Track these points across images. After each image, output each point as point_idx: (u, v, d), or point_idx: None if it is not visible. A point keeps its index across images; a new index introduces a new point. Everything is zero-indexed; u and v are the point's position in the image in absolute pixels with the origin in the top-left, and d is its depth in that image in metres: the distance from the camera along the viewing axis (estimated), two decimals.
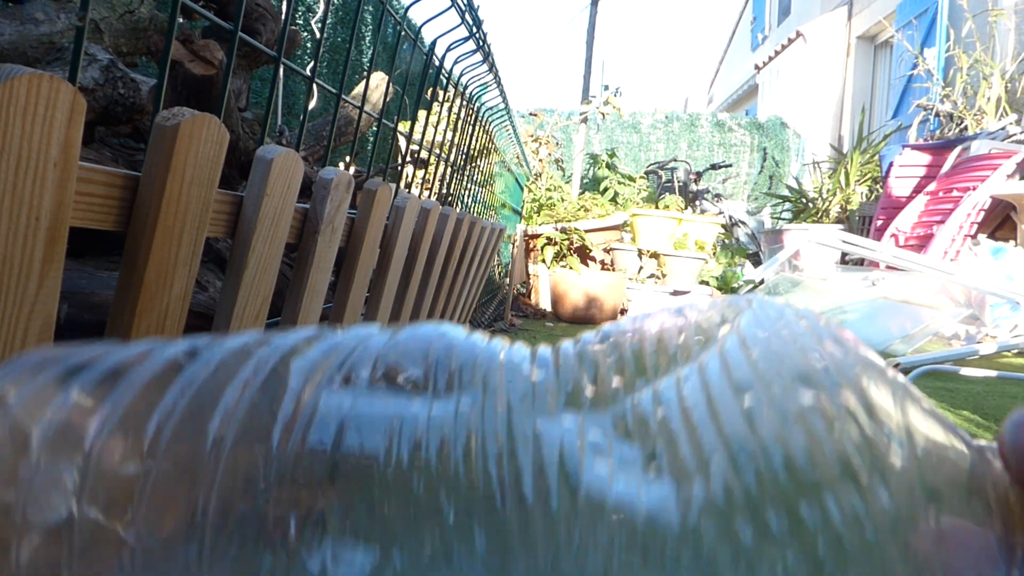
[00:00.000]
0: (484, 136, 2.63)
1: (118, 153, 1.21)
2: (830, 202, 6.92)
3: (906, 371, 2.59)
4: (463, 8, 1.60)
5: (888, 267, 4.66)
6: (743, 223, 7.54)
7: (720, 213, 7.27)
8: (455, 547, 0.16)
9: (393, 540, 0.16)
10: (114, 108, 1.10)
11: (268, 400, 0.18)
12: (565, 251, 4.65)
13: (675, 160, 7.90)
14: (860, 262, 5.41)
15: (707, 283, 5.47)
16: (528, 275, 4.75)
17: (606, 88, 7.47)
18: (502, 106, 2.74)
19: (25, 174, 0.46)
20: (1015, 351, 3.49)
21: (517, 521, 0.16)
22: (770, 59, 12.09)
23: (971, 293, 3.91)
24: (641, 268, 5.10)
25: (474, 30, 1.74)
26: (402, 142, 3.12)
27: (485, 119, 2.57)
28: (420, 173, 2.63)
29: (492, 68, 2.16)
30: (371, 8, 4.68)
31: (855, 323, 4.02)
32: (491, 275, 3.71)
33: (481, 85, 2.21)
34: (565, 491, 0.16)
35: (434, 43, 1.52)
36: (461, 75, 1.91)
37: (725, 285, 6.46)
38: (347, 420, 0.17)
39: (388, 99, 2.19)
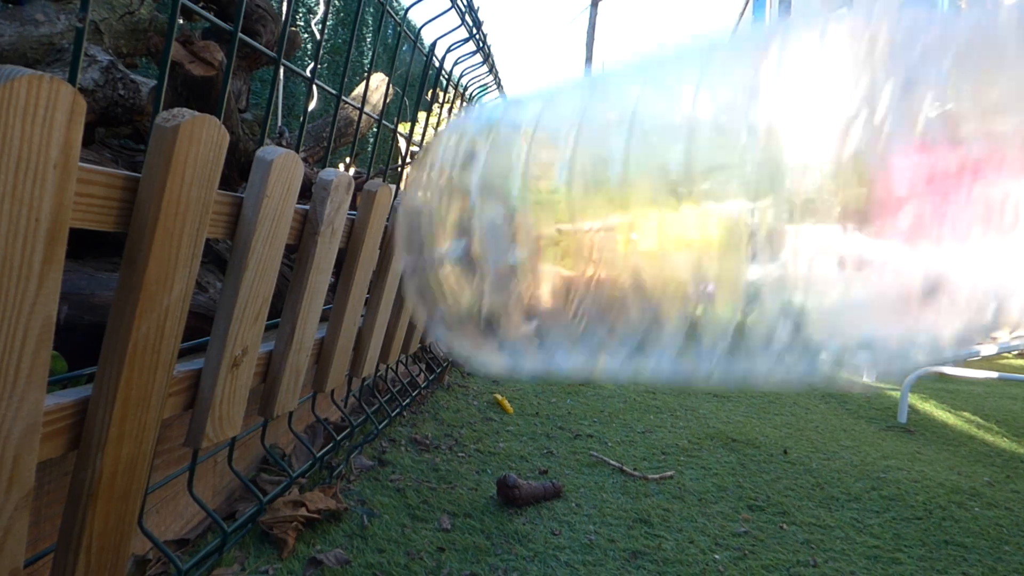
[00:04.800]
0: None
1: (118, 154, 1.21)
2: None
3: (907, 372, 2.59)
4: (463, 9, 1.60)
5: None
6: None
7: None
8: None
9: None
10: (114, 109, 1.11)
11: None
12: None
13: None
14: None
15: None
16: None
17: None
18: None
19: (25, 175, 0.46)
20: (1015, 352, 3.48)
21: None
22: None
23: None
24: None
25: (474, 31, 1.74)
26: (402, 143, 3.12)
27: None
28: None
29: (492, 69, 2.16)
30: (371, 9, 4.68)
31: None
32: None
33: (481, 86, 2.21)
34: None
35: (434, 44, 1.52)
36: (461, 76, 1.91)
37: None
38: None
39: (388, 100, 2.19)
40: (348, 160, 2.32)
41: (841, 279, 0.19)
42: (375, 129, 2.27)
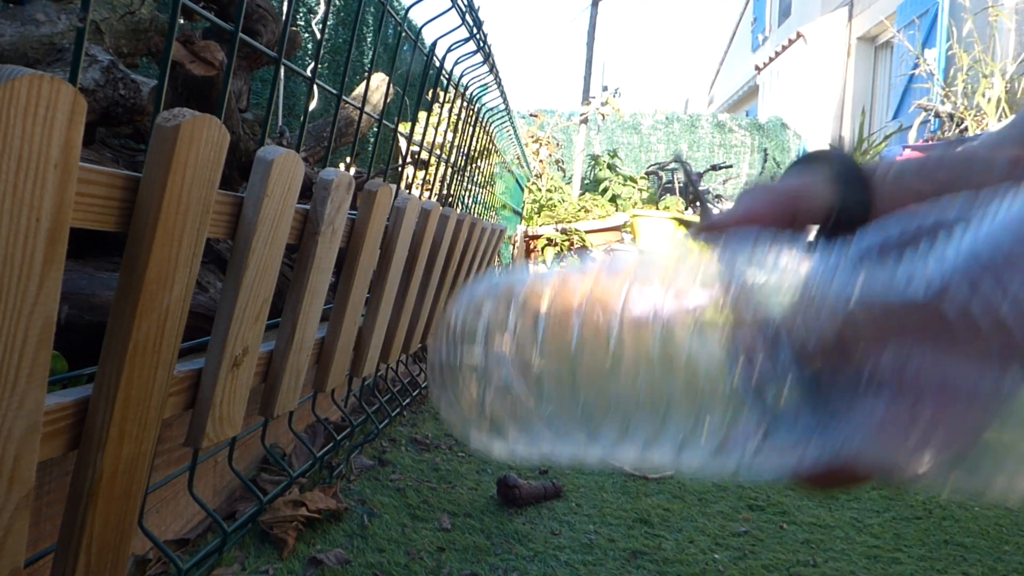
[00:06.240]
0: (484, 137, 2.63)
1: (119, 154, 1.21)
2: None
3: None
4: (464, 9, 1.60)
5: None
6: None
7: None
8: None
9: None
10: (115, 109, 1.11)
11: None
12: (565, 252, 4.64)
13: (675, 161, 7.91)
14: None
15: None
16: None
17: (606, 89, 7.48)
18: (503, 107, 2.74)
19: (26, 175, 0.46)
20: None
21: None
22: (770, 60, 12.09)
23: None
24: None
25: (475, 31, 1.74)
26: (402, 143, 3.12)
27: (485, 120, 2.57)
28: (420, 174, 2.63)
29: (492, 69, 2.16)
30: (372, 9, 4.69)
31: None
32: None
33: (482, 86, 2.21)
34: None
35: (435, 44, 1.52)
36: (462, 76, 1.91)
37: None
38: None
39: (388, 100, 2.19)
40: (348, 160, 2.33)
41: None
42: (375, 129, 2.27)
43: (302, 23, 3.83)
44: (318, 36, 2.80)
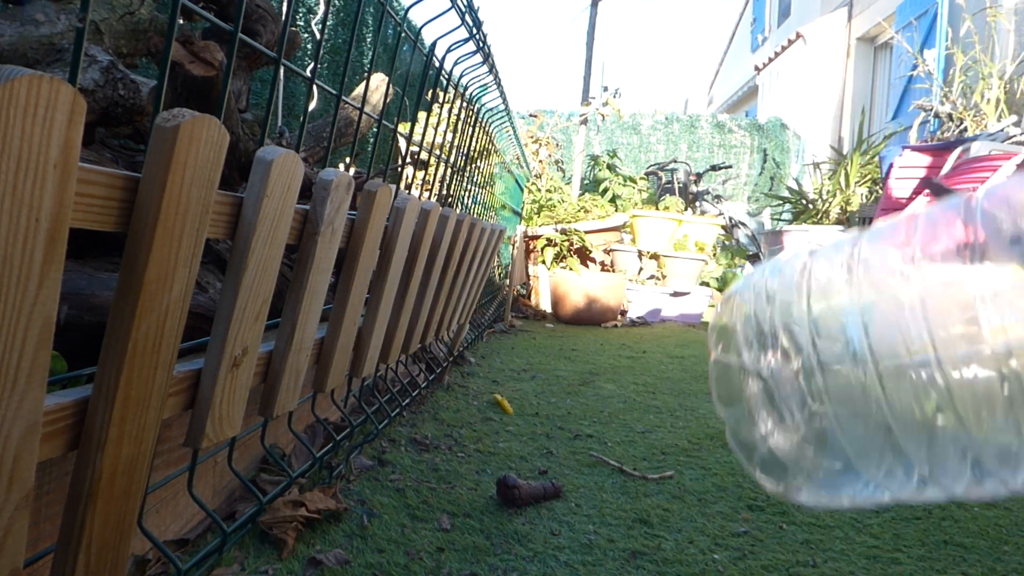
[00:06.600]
0: (484, 137, 2.63)
1: (118, 154, 1.21)
2: (830, 203, 6.92)
3: None
4: (463, 9, 1.60)
5: None
6: (743, 224, 7.55)
7: (720, 214, 7.27)
8: None
9: None
10: (114, 109, 1.11)
11: None
12: (565, 252, 4.64)
13: (675, 161, 7.90)
14: None
15: (707, 284, 5.47)
16: (528, 276, 4.75)
17: (606, 89, 7.47)
18: (502, 107, 2.74)
19: (25, 175, 0.46)
20: None
21: None
22: (770, 60, 12.10)
23: None
24: (641, 269, 5.10)
25: (474, 31, 1.74)
26: (402, 143, 3.12)
27: (485, 120, 2.57)
28: (420, 174, 2.63)
29: (492, 69, 2.16)
30: (372, 9, 4.68)
31: None
32: (491, 276, 3.71)
33: (481, 86, 2.21)
34: None
35: (434, 44, 1.52)
36: (461, 76, 1.91)
37: (725, 286, 6.43)
38: None
39: (388, 100, 2.19)
40: (348, 160, 2.32)
41: None
42: (375, 129, 2.27)
43: (302, 23, 3.83)
44: (318, 36, 2.79)
